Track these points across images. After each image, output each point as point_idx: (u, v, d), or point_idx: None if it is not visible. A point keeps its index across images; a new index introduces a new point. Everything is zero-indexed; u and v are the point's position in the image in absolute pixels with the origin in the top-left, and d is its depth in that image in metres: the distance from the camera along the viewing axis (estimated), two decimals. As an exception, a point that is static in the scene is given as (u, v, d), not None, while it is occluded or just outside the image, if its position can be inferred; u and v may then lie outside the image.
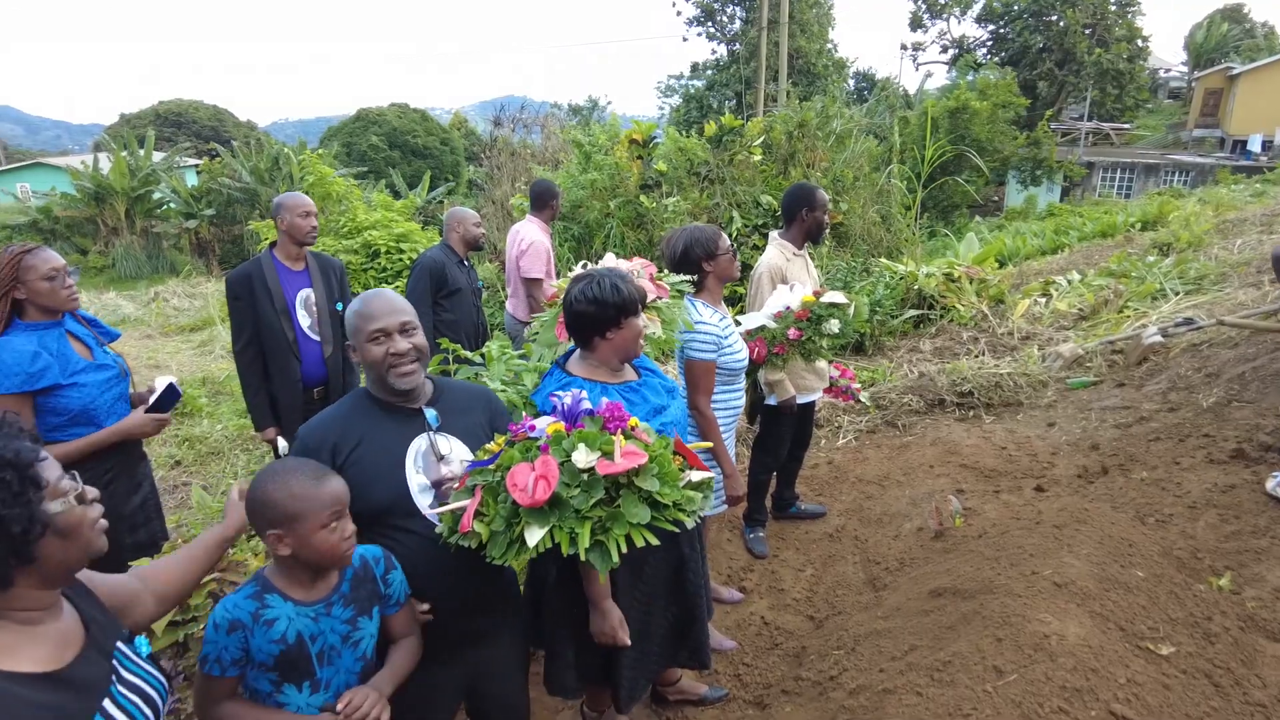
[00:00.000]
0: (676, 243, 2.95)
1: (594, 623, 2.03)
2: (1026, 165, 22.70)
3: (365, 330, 1.86)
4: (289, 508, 1.56)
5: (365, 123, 31.89)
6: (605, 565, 1.64)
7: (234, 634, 1.56)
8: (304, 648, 1.62)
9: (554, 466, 1.67)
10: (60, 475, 1.23)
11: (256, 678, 1.63)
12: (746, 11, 31.07)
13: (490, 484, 1.73)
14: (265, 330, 3.48)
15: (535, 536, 1.61)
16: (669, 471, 1.76)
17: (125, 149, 22.15)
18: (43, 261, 2.47)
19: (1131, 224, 12.62)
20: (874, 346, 6.84)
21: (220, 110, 41.87)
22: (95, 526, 1.26)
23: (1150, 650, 2.33)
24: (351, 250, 8.30)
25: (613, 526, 1.65)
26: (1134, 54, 31.12)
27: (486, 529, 1.68)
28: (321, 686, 1.66)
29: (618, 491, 1.70)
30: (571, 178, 8.78)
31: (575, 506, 1.65)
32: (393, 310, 1.88)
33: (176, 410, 6.61)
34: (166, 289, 16.16)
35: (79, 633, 1.26)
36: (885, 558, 3.61)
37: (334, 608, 1.67)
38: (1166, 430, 4.18)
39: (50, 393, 2.47)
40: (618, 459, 1.69)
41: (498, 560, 1.66)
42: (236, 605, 1.59)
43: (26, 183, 29.46)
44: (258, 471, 1.60)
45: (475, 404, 2.06)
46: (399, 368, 1.85)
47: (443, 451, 1.91)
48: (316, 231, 3.60)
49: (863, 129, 10.22)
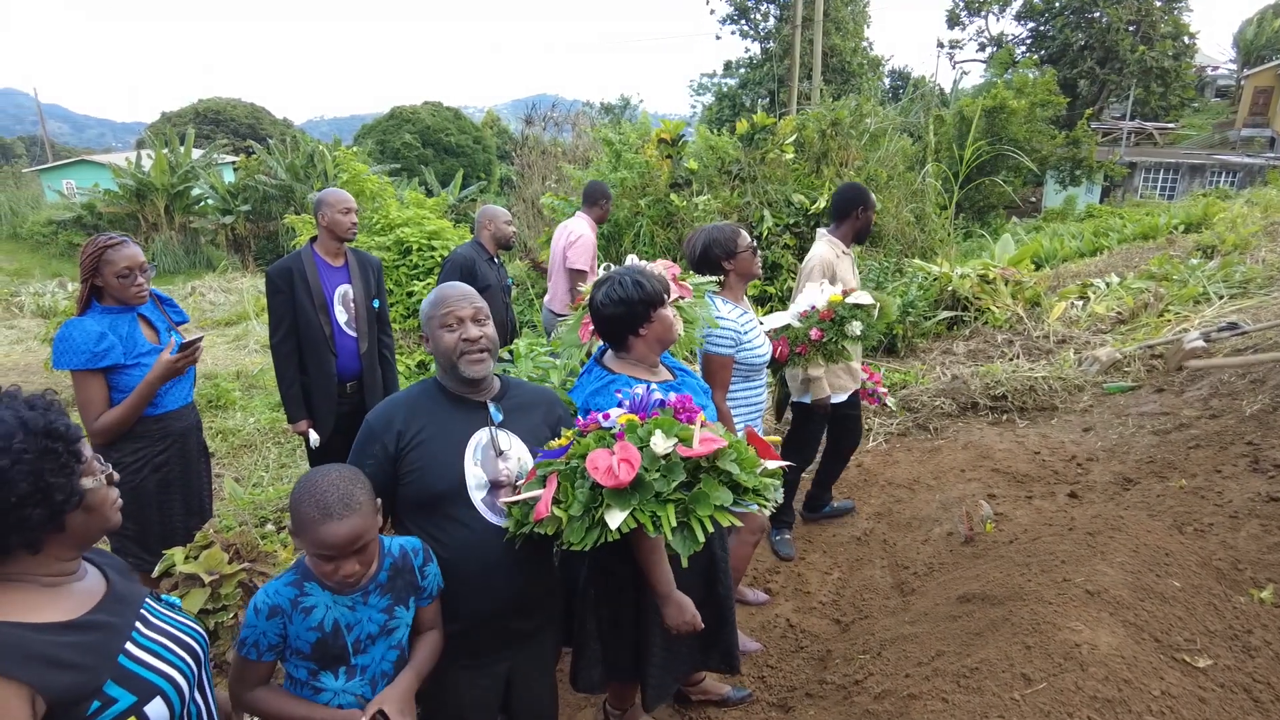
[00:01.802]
0: (696, 243, 2.96)
1: (669, 616, 2.02)
2: (1065, 165, 22.26)
3: (438, 316, 1.89)
4: (295, 527, 1.60)
5: (399, 121, 32.19)
6: (689, 548, 1.64)
7: (273, 619, 1.60)
8: (340, 636, 1.64)
9: (634, 450, 1.68)
10: (93, 455, 1.30)
11: (294, 666, 1.65)
12: (781, 9, 30.85)
13: (567, 471, 1.74)
14: (303, 324, 3.53)
15: (617, 519, 1.62)
16: (747, 458, 1.77)
17: (166, 146, 22.68)
18: (121, 259, 2.66)
19: (1174, 226, 12.31)
20: (906, 348, 6.76)
21: (257, 108, 42.56)
22: (114, 505, 1.33)
23: (1186, 662, 2.27)
24: (384, 247, 8.38)
25: (696, 508, 1.66)
26: (1180, 51, 30.32)
27: (565, 514, 1.68)
28: (358, 673, 1.68)
29: (697, 475, 1.71)
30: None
31: (656, 489, 1.65)
32: (466, 298, 1.92)
33: (212, 402, 6.74)
34: (203, 284, 16.52)
35: (101, 589, 1.32)
36: (914, 562, 3.56)
37: (370, 596, 1.69)
38: (1207, 437, 4.07)
39: (115, 371, 2.68)
40: (695, 445, 1.70)
41: (575, 546, 1.66)
42: (277, 591, 1.62)
43: (72, 179, 30.22)
44: (301, 479, 1.62)
45: (539, 404, 2.07)
46: (470, 354, 1.88)
47: (503, 447, 1.93)
48: (356, 228, 3.65)
49: (897, 128, 10.10)
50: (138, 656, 1.26)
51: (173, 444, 2.88)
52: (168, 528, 2.86)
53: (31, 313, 14.17)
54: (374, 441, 1.86)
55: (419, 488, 1.84)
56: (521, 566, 1.88)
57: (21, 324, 13.36)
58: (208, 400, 6.77)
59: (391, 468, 1.85)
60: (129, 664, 1.24)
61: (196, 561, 2.50)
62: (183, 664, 1.32)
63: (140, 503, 2.78)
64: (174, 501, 2.91)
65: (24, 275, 20.70)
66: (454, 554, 1.86)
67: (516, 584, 1.92)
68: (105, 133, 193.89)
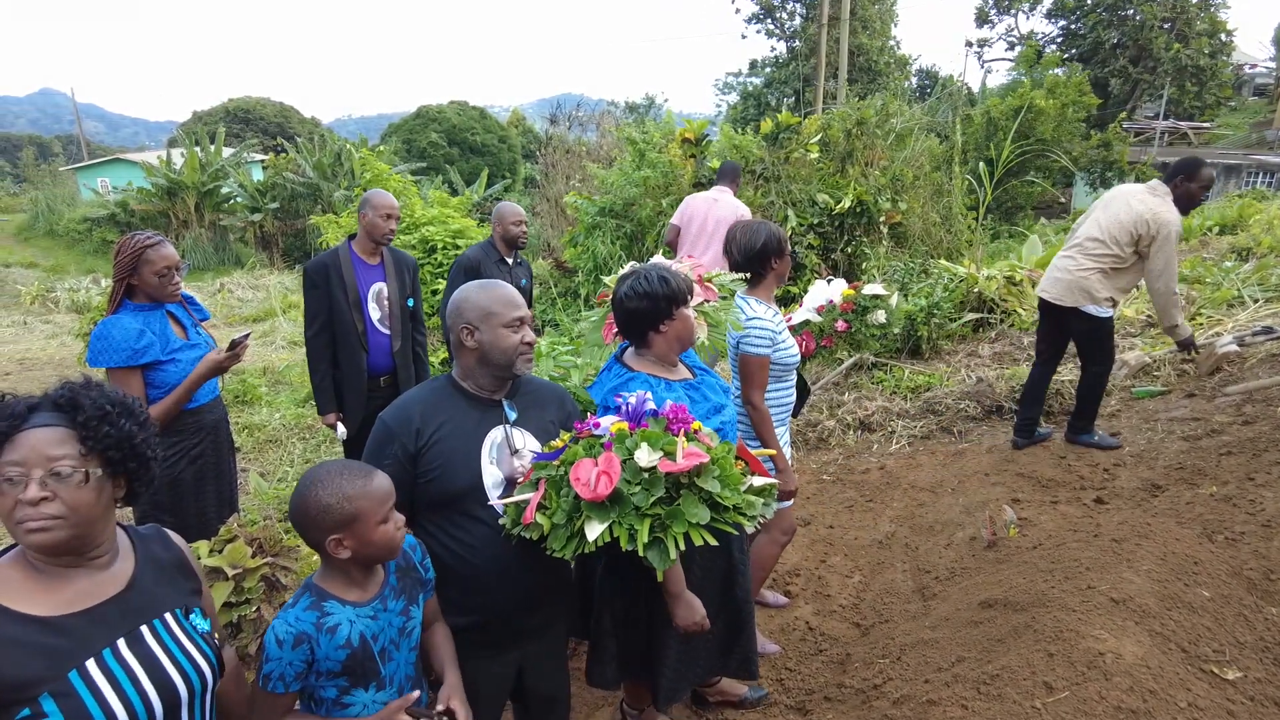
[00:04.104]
0: (757, 233, 2.88)
1: (680, 615, 2.02)
2: (1096, 166, 21.89)
3: (505, 316, 1.89)
4: (347, 509, 1.55)
5: (425, 120, 32.42)
6: (663, 563, 1.65)
7: (299, 648, 1.54)
8: (368, 648, 1.62)
9: (617, 463, 1.68)
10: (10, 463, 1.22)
11: (322, 687, 1.61)
12: (807, 8, 30.67)
13: (554, 477, 1.75)
14: (337, 319, 3.58)
15: (595, 531, 1.63)
16: (731, 474, 1.76)
17: (197, 145, 23.06)
18: (160, 258, 2.72)
19: (1208, 227, 12.06)
20: (931, 350, 6.69)
21: (286, 107, 43.09)
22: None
23: (1214, 674, 2.23)
24: (409, 246, 8.44)
25: (672, 525, 1.66)
26: (1216, 49, 29.66)
27: (549, 521, 1.70)
28: (387, 683, 1.67)
29: (678, 491, 1.71)
30: (625, 175, 8.80)
31: (635, 503, 1.66)
32: (521, 302, 1.95)
33: (239, 397, 6.84)
34: (231, 280, 16.78)
35: (109, 591, 1.27)
36: (935, 566, 3.53)
37: (388, 601, 1.68)
38: (1240, 444, 3.98)
39: (153, 368, 2.74)
40: (679, 459, 1.69)
41: (558, 553, 1.68)
42: (298, 619, 1.56)
43: (107, 178, 30.83)
44: (300, 482, 1.58)
45: (551, 401, 2.08)
46: (527, 355, 1.92)
47: (517, 445, 1.94)
48: (394, 234, 3.71)
49: (924, 128, 10.00)
50: (92, 677, 1.18)
51: (206, 436, 2.95)
52: (203, 519, 2.92)
53: (66, 308, 14.48)
54: (392, 441, 1.86)
55: (439, 486, 1.85)
56: (536, 562, 1.88)
57: (57, 319, 13.66)
58: (234, 396, 6.86)
59: (411, 466, 1.85)
60: (78, 682, 1.17)
61: (221, 555, 2.53)
62: (139, 703, 1.22)
63: (178, 494, 2.85)
64: (208, 492, 2.99)
65: (59, 271, 21.18)
66: (471, 551, 1.87)
67: (532, 579, 1.94)
68: (139, 131, 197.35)
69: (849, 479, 4.68)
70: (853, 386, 6.08)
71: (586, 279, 8.93)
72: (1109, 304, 4.11)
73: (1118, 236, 3.97)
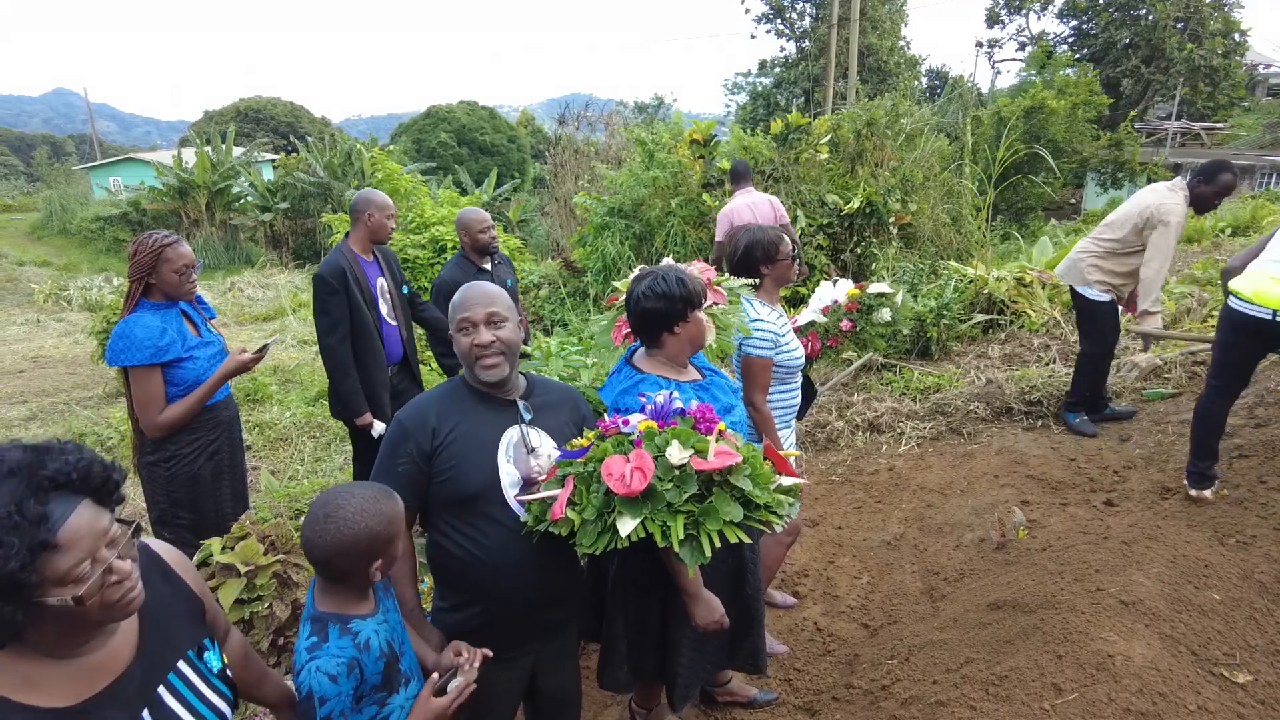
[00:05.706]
0: (739, 241, 2.92)
1: (699, 615, 2.03)
2: (1107, 167, 21.76)
3: (455, 320, 1.91)
4: (390, 531, 1.58)
5: (435, 119, 32.55)
6: (695, 559, 1.65)
7: (353, 674, 1.52)
8: (393, 652, 1.64)
9: (649, 459, 1.69)
10: (77, 561, 1.05)
11: (367, 705, 1.59)
12: (816, 9, 30.62)
13: (584, 474, 1.75)
14: (357, 321, 3.60)
15: (628, 526, 1.63)
16: (761, 473, 1.76)
17: (208, 144, 23.20)
18: (178, 257, 2.76)
19: (1220, 229, 11.98)
20: (940, 351, 6.67)
21: (297, 107, 43.31)
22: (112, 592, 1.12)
23: (1225, 677, 2.22)
24: (419, 245, 8.49)
25: (705, 521, 1.66)
26: (1230, 49, 29.43)
27: (578, 517, 1.70)
28: (412, 678, 1.69)
29: (710, 489, 1.71)
30: (634, 175, 8.80)
31: (668, 500, 1.66)
32: (483, 301, 1.90)
33: (249, 395, 6.88)
34: (242, 279, 16.87)
35: (124, 657, 1.19)
36: (944, 568, 3.52)
37: (385, 601, 1.70)
38: (1252, 447, 3.96)
39: (172, 365, 2.77)
40: (711, 457, 1.70)
41: (586, 549, 1.68)
42: (341, 649, 1.53)
43: (119, 177, 31.05)
44: (332, 518, 1.53)
45: (564, 402, 2.09)
46: (483, 360, 1.88)
47: (533, 444, 1.94)
48: (393, 233, 3.81)
49: (934, 128, 9.96)
50: None
51: (223, 432, 2.99)
52: (220, 515, 2.96)
53: (79, 306, 14.61)
54: (408, 440, 1.87)
55: (455, 486, 1.85)
56: (551, 562, 1.89)
57: (70, 317, 13.78)
58: (245, 394, 6.90)
59: (427, 465, 1.86)
60: None
61: (233, 552, 2.56)
62: None
63: (198, 490, 2.89)
64: (224, 488, 3.03)
65: (72, 270, 21.34)
66: (487, 551, 1.87)
67: (546, 578, 1.94)
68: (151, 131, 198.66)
69: (858, 480, 4.68)
70: (862, 387, 6.07)
71: (595, 279, 8.94)
72: (1102, 288, 4.44)
73: (1122, 222, 4.34)
